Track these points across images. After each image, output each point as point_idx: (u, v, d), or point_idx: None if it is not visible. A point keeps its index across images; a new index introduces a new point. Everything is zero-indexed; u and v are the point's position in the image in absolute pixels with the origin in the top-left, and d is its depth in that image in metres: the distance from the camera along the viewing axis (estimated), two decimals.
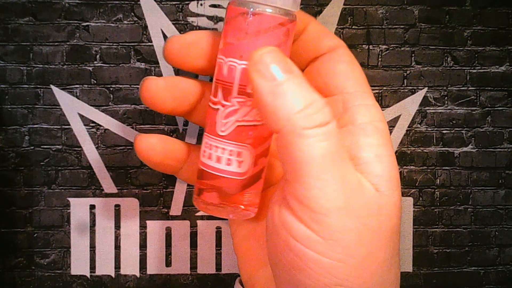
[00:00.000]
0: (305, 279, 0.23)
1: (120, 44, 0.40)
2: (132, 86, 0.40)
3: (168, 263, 0.41)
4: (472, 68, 0.41)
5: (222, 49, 0.25)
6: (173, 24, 0.40)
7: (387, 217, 0.24)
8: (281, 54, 0.24)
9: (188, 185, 0.41)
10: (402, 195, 0.41)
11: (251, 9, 0.24)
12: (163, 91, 0.28)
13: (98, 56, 0.40)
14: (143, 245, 0.41)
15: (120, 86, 0.40)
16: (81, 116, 0.40)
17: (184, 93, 0.29)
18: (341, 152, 0.24)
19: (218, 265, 0.41)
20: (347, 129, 0.26)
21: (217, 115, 0.25)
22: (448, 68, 0.41)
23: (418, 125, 0.41)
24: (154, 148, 0.30)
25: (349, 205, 0.23)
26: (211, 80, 0.28)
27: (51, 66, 0.40)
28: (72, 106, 0.40)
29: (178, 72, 0.40)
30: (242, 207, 0.27)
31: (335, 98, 0.27)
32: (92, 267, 0.40)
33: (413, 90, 0.41)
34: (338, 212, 0.23)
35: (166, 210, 0.41)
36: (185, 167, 0.31)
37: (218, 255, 0.41)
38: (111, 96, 0.40)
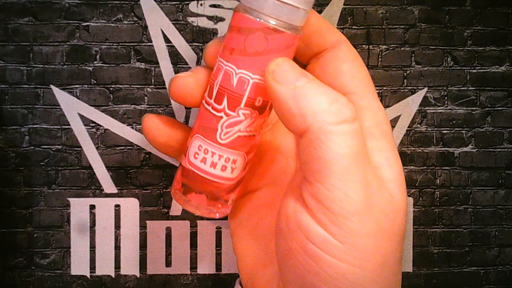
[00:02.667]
0: (319, 283, 0.23)
1: (120, 44, 0.40)
2: (132, 86, 0.40)
3: (168, 263, 0.41)
4: (472, 68, 0.41)
5: (227, 55, 0.25)
6: (173, 24, 0.40)
7: (400, 222, 0.25)
8: (293, 62, 0.24)
9: None
10: None
11: (272, 26, 0.24)
12: (193, 88, 0.28)
13: (98, 56, 0.40)
14: (143, 245, 0.41)
15: (120, 86, 0.40)
16: (81, 116, 0.40)
17: None
18: (365, 153, 0.24)
19: (218, 265, 0.41)
20: None
21: (220, 123, 0.25)
22: (448, 68, 0.41)
23: (418, 125, 0.41)
24: (160, 128, 0.29)
25: (369, 208, 0.23)
26: None
27: (51, 66, 0.40)
28: (72, 106, 0.40)
29: (178, 72, 0.40)
30: (228, 209, 0.28)
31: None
32: (92, 267, 0.40)
33: (413, 90, 0.41)
34: (358, 215, 0.23)
35: (166, 210, 0.41)
36: None
37: (218, 255, 0.41)
38: (111, 96, 0.40)
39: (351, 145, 0.23)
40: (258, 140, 0.27)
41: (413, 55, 0.41)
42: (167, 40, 0.40)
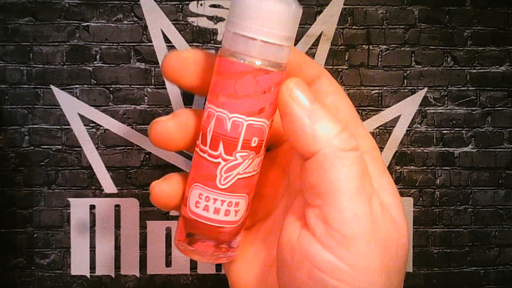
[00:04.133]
0: None
1: (120, 44, 0.40)
2: (132, 86, 0.40)
3: (168, 263, 0.41)
4: (472, 68, 0.41)
5: (216, 100, 0.25)
6: (173, 24, 0.40)
7: (404, 243, 0.25)
8: (307, 86, 0.25)
9: None
10: (402, 195, 0.41)
11: (259, 66, 0.24)
12: (174, 132, 0.27)
13: (98, 56, 0.40)
14: (143, 245, 0.41)
15: (120, 86, 0.40)
16: (81, 116, 0.40)
17: (195, 129, 0.28)
18: (369, 177, 0.24)
19: (218, 265, 0.41)
20: None
21: (218, 169, 0.25)
22: (448, 68, 0.41)
23: (418, 125, 0.41)
24: (171, 195, 0.29)
25: (375, 230, 0.23)
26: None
27: (51, 66, 0.40)
28: (72, 106, 0.40)
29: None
30: (235, 252, 0.28)
31: None
32: (92, 267, 0.40)
33: (413, 90, 0.41)
34: (366, 236, 0.23)
35: (166, 210, 0.41)
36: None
37: None
38: (111, 96, 0.40)
39: (359, 170, 0.24)
40: (257, 178, 0.27)
41: (413, 55, 0.41)
42: (167, 40, 0.40)
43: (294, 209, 0.26)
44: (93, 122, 0.40)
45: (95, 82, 0.40)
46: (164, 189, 0.28)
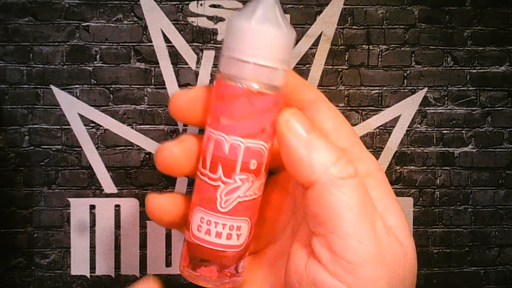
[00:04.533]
0: None
1: (120, 44, 0.40)
2: (132, 86, 0.40)
3: (168, 263, 0.41)
4: (472, 68, 0.41)
5: (215, 123, 0.25)
6: (173, 24, 0.40)
7: (411, 265, 0.25)
8: (303, 116, 0.26)
9: (187, 185, 0.41)
10: (402, 195, 0.41)
11: (255, 89, 0.24)
12: (180, 158, 0.27)
13: (98, 56, 0.40)
14: (143, 245, 0.41)
15: (120, 86, 0.40)
16: (81, 116, 0.40)
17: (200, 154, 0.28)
18: (371, 202, 0.25)
19: None
20: None
21: (218, 192, 0.25)
22: (448, 68, 0.41)
23: (418, 125, 0.41)
24: (165, 208, 0.29)
25: (381, 254, 0.23)
26: None
27: (51, 66, 0.40)
28: (72, 106, 0.40)
29: (178, 72, 0.40)
30: (240, 277, 0.28)
31: None
32: (92, 267, 0.40)
33: (413, 90, 0.41)
34: (372, 261, 0.23)
35: None
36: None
37: None
38: (111, 96, 0.40)
39: (358, 195, 0.24)
40: (259, 202, 0.27)
41: (413, 55, 0.41)
42: (167, 40, 0.40)
43: (300, 236, 0.26)
44: (93, 122, 0.40)
45: (95, 82, 0.40)
46: (160, 201, 0.28)
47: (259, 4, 0.24)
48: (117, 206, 0.41)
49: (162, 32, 0.40)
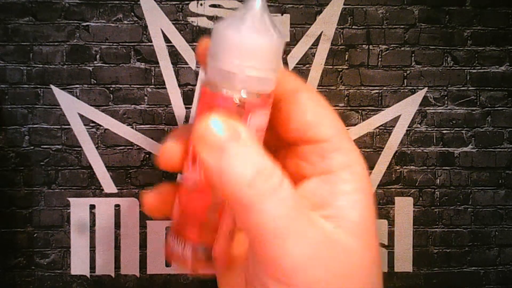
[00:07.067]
0: None
1: (120, 44, 0.40)
2: (132, 86, 0.40)
3: (168, 263, 0.41)
4: (472, 68, 0.41)
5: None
6: (173, 24, 0.40)
7: (360, 261, 0.25)
8: (227, 121, 0.24)
9: None
10: (402, 195, 0.41)
11: (241, 98, 0.24)
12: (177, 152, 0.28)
13: (98, 56, 0.40)
14: (143, 245, 0.41)
15: (120, 86, 0.40)
16: (81, 116, 0.40)
17: None
18: (299, 208, 0.24)
19: None
20: (325, 178, 0.26)
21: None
22: (448, 68, 0.41)
23: (418, 125, 0.41)
24: (160, 205, 0.29)
25: (316, 258, 0.23)
26: None
27: (51, 66, 0.40)
28: (72, 106, 0.40)
29: (178, 72, 0.40)
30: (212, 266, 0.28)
31: (313, 146, 0.27)
32: (92, 267, 0.40)
33: (413, 90, 0.41)
34: (305, 267, 0.23)
35: None
36: None
37: None
38: (111, 96, 0.40)
39: (281, 207, 0.23)
40: None
41: (413, 55, 0.41)
42: (167, 40, 0.40)
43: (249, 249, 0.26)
44: (93, 122, 0.40)
45: (95, 82, 0.40)
46: (152, 196, 0.28)
47: (247, 13, 0.24)
48: (117, 206, 0.41)
49: (162, 32, 0.40)
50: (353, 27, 0.41)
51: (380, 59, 0.41)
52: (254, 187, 0.23)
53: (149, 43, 0.40)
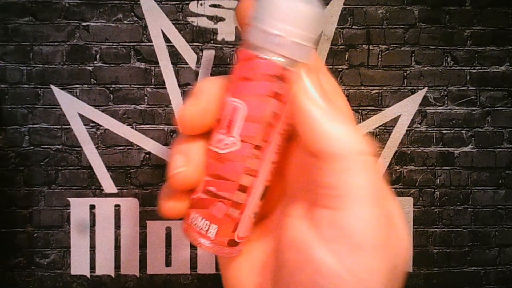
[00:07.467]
0: None
1: (120, 44, 0.40)
2: (132, 86, 0.40)
3: (168, 263, 0.41)
4: (472, 68, 0.41)
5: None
6: (173, 24, 0.40)
7: (405, 259, 0.24)
8: (322, 86, 0.24)
9: None
10: (402, 195, 0.41)
11: (281, 64, 0.24)
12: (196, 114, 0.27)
13: (98, 56, 0.40)
14: (143, 245, 0.41)
15: (120, 86, 0.40)
16: (81, 116, 0.40)
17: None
18: (385, 186, 0.24)
19: (218, 265, 0.41)
20: None
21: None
22: (448, 68, 0.41)
23: (418, 125, 0.41)
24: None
25: (386, 244, 0.23)
26: None
27: (51, 66, 0.40)
28: (72, 106, 0.40)
29: (178, 72, 0.40)
30: (237, 248, 0.28)
31: None
32: (92, 267, 0.40)
33: (413, 90, 0.41)
34: (375, 249, 0.22)
35: None
36: None
37: None
38: (111, 96, 0.40)
39: (374, 174, 0.23)
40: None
41: (413, 55, 0.41)
42: (167, 40, 0.40)
43: (297, 210, 0.25)
44: (93, 122, 0.40)
45: (95, 82, 0.40)
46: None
47: None
48: (117, 206, 0.41)
49: (162, 32, 0.40)
50: (353, 27, 0.41)
51: (380, 59, 0.41)
52: (358, 143, 0.23)
53: (149, 43, 0.40)
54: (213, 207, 0.26)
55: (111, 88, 0.40)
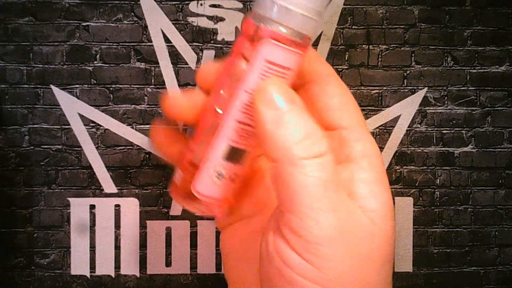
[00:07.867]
0: None
1: (120, 44, 0.40)
2: (132, 86, 0.40)
3: (168, 263, 0.41)
4: (472, 68, 0.41)
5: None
6: (173, 24, 0.40)
7: (379, 246, 0.25)
8: (285, 85, 0.25)
9: None
10: (402, 195, 0.41)
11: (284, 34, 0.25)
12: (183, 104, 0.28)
13: (98, 56, 0.40)
14: (143, 245, 0.41)
15: (120, 86, 0.40)
16: (81, 116, 0.40)
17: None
18: (335, 182, 0.24)
19: (218, 265, 0.41)
20: (344, 165, 0.27)
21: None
22: (448, 68, 0.41)
23: (418, 125, 0.41)
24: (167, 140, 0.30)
25: (342, 234, 0.24)
26: None
27: (51, 66, 0.40)
28: (72, 106, 0.40)
29: (178, 72, 0.40)
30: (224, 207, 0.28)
31: (332, 133, 0.27)
32: (92, 267, 0.40)
33: (413, 90, 0.41)
34: (330, 241, 0.23)
35: (166, 210, 0.41)
36: None
37: (218, 255, 0.41)
38: (111, 96, 0.40)
39: (319, 176, 0.23)
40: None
41: (413, 55, 0.41)
42: (167, 40, 0.40)
43: (274, 213, 0.26)
44: (93, 122, 0.40)
45: (95, 82, 0.40)
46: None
47: None
48: (117, 206, 0.41)
49: (162, 32, 0.40)
50: (353, 27, 0.41)
51: (380, 59, 0.41)
52: (301, 147, 0.23)
53: (149, 43, 0.40)
54: (183, 156, 0.27)
55: (111, 88, 0.40)
